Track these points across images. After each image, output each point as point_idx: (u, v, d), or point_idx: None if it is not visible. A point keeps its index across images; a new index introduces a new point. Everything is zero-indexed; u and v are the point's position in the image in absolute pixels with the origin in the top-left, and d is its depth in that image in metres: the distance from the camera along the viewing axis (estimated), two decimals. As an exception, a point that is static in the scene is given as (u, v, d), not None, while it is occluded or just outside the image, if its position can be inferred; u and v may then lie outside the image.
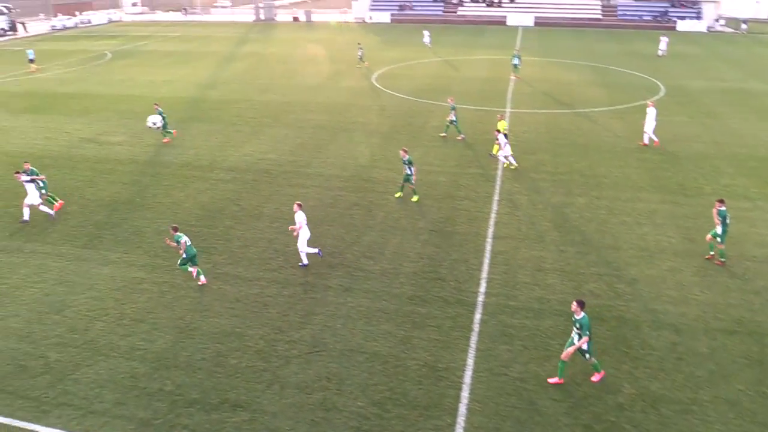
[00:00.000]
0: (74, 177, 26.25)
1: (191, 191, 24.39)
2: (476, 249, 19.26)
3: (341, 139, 30.62)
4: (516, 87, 42.17)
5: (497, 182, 24.69)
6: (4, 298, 17.06)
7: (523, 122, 33.18)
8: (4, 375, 13.89)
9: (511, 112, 35.41)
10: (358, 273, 17.95)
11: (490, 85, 42.84)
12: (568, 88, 41.71)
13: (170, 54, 61.08)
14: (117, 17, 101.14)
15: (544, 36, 69.97)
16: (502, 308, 16.07)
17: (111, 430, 12.23)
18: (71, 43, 72.46)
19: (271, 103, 38.77)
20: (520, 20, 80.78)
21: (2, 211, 22.93)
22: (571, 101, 38.02)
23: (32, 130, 33.89)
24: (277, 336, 15.08)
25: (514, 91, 40.80)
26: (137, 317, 15.99)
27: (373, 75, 46.95)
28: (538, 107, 36.43)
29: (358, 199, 23.33)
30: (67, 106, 39.13)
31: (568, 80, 44.54)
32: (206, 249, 19.49)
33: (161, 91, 43.05)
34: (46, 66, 55.49)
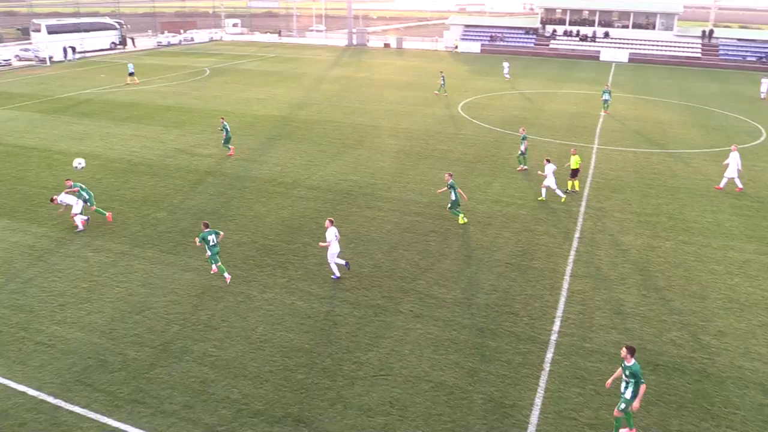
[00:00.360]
0: (166, 185, 27.51)
1: (273, 206, 25.04)
2: (553, 286, 18.74)
3: (423, 165, 30.71)
4: (605, 123, 41.13)
5: (579, 219, 24.03)
6: (91, 294, 17.99)
7: (610, 160, 32.25)
8: (85, 368, 14.58)
9: (598, 148, 34.51)
10: (430, 300, 17.82)
11: (578, 119, 41.99)
12: (661, 128, 40.27)
13: (265, 73, 63.43)
14: (218, 36, 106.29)
15: (638, 72, 68.09)
16: (576, 349, 15.51)
17: (177, 431, 12.57)
18: (174, 58, 76.60)
19: (357, 126, 39.45)
20: (614, 56, 79.06)
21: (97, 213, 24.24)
22: (663, 141, 36.67)
23: (132, 138, 35.90)
24: (344, 356, 15.13)
25: (603, 128, 39.79)
26: (212, 324, 16.45)
27: (459, 104, 47.02)
28: (627, 145, 35.34)
29: (435, 226, 23.25)
30: (165, 118, 41.26)
31: (661, 119, 43.04)
32: (282, 264, 19.90)
33: (253, 108, 44.69)
34: (149, 79, 58.83)
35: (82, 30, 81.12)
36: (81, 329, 16.19)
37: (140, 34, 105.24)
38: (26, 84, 56.63)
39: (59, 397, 13.57)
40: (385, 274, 19.32)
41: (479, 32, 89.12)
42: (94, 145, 34.45)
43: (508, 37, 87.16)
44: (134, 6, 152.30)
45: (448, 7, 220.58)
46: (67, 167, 30.10)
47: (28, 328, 16.26)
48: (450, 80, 58.52)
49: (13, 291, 18.18)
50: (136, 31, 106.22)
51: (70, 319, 16.65)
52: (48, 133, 37.34)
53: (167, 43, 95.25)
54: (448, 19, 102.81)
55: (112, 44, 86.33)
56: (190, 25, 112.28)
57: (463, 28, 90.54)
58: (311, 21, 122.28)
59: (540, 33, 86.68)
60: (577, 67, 71.60)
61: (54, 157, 32.10)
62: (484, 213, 24.49)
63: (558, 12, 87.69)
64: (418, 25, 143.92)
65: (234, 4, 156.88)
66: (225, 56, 79.58)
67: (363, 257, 20.49)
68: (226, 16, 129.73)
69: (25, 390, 13.79)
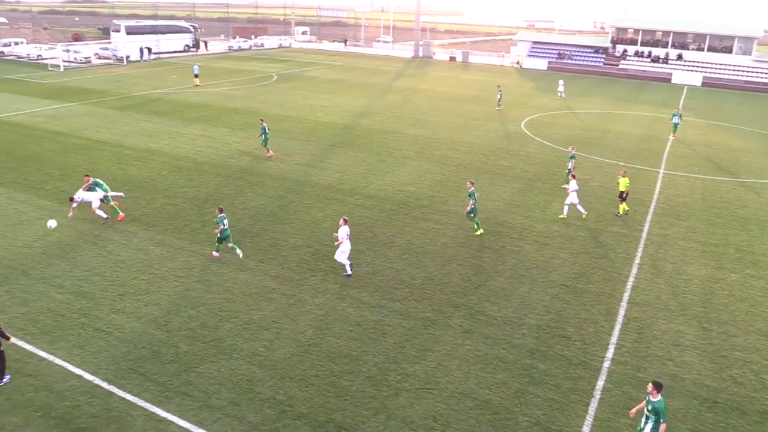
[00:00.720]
0: (227, 185, 28.17)
1: (330, 212, 25.28)
2: (608, 311, 18.21)
3: (482, 180, 30.45)
4: (674, 148, 39.87)
5: (641, 245, 23.32)
6: (151, 286, 18.54)
7: (677, 186, 31.22)
8: (139, 357, 15.01)
9: (664, 173, 33.47)
10: (481, 317, 17.59)
11: (645, 143, 40.86)
12: (733, 155, 38.75)
13: (330, 81, 64.34)
14: (287, 43, 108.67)
15: (711, 97, 65.82)
16: (629, 379, 15.01)
17: (222, 427, 12.76)
18: (244, 63, 78.61)
19: (418, 137, 39.49)
20: (687, 79, 76.70)
21: (161, 208, 25.04)
22: (735, 169, 35.27)
23: (199, 138, 36.96)
24: (390, 366, 15.08)
25: (671, 152, 38.58)
26: (263, 324, 16.69)
27: (522, 121, 46.50)
28: (696, 172, 34.14)
29: (491, 242, 22.98)
30: (231, 120, 42.33)
31: (733, 146, 41.41)
32: (335, 269, 20.03)
33: (317, 114, 45.35)
34: (219, 82, 60.55)
35: (159, 32, 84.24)
36: (138, 319, 16.70)
37: (213, 38, 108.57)
38: (103, 81, 59.14)
39: (113, 383, 14.01)
40: (437, 288, 19.20)
41: (547, 49, 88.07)
42: (163, 142, 35.63)
43: (576, 55, 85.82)
44: (209, 11, 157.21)
45: (517, 23, 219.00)
46: (136, 162, 31.25)
47: (88, 314, 16.88)
48: (514, 97, 58.01)
49: (78, 278, 18.93)
50: (210, 35, 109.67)
51: (128, 309, 17.21)
52: (120, 129, 38.84)
53: (238, 48, 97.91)
54: (516, 34, 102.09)
55: (185, 47, 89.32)
56: (261, 31, 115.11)
57: (531, 44, 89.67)
58: (379, 32, 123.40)
59: (610, 52, 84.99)
60: (646, 88, 69.79)
61: (124, 152, 33.34)
62: (541, 232, 24.07)
63: (630, 32, 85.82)
64: (485, 40, 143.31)
65: (305, 12, 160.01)
66: (292, 63, 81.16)
67: (416, 269, 20.43)
68: (296, 24, 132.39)
69: (81, 374, 14.30)
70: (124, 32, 78.54)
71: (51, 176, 28.68)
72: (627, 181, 25.89)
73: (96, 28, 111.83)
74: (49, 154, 32.32)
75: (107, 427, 12.66)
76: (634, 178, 31.86)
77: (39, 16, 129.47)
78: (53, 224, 21.39)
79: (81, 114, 43.04)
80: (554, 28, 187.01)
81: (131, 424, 12.75)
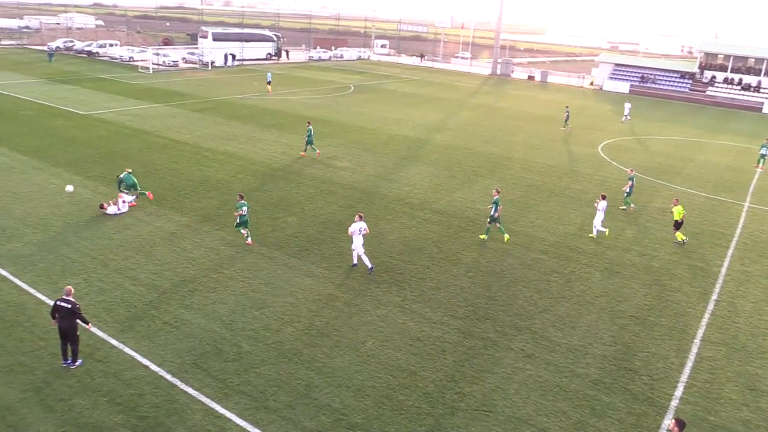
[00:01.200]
0: (299, 192, 28.69)
1: (397, 225, 25.32)
2: (680, 348, 17.41)
3: (553, 202, 29.84)
4: (761, 180, 37.92)
5: (719, 280, 22.23)
6: (218, 285, 19.04)
7: (762, 220, 29.63)
8: (202, 353, 15.42)
9: (749, 206, 31.85)
10: (544, 342, 17.16)
11: (730, 173, 39.04)
12: (827, 193, 36.46)
13: (406, 95, 64.74)
14: (366, 56, 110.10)
15: (807, 131, 62.26)
16: (699, 421, 14.26)
17: (277, 429, 12.91)
18: (323, 73, 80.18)
19: (491, 155, 39.13)
20: (780, 110, 72.93)
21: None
22: (827, 208, 33.16)
23: (274, 144, 37.86)
24: (448, 384, 14.90)
25: (758, 185, 36.69)
26: (324, 331, 16.84)
27: (600, 144, 45.35)
28: (784, 208, 32.33)
29: (559, 266, 22.44)
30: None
31: (828, 184, 38.98)
32: (399, 282, 20.02)
33: (391, 127, 45.66)
34: (297, 90, 61.98)
35: (243, 40, 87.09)
36: (204, 316, 17.17)
37: (294, 47, 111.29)
38: (188, 84, 61.57)
39: (176, 376, 14.43)
40: (501, 309, 18.88)
41: (630, 72, 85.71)
42: (240, 146, 36.69)
43: (660, 79, 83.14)
44: (293, 21, 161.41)
45: (599, 44, 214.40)
46: (213, 164, 32.29)
47: (159, 307, 17.49)
48: (593, 119, 56.76)
49: (152, 272, 19.66)
50: (292, 44, 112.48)
51: (196, 305, 17.72)
52: (201, 131, 40.27)
53: (318, 58, 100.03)
54: (598, 56, 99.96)
55: (267, 55, 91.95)
56: (341, 43, 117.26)
57: (613, 66, 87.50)
58: (457, 47, 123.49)
59: (697, 78, 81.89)
60: (735, 117, 66.80)
61: (203, 153, 34.53)
62: (612, 260, 23.32)
63: (720, 58, 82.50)
64: (566, 60, 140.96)
65: (385, 26, 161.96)
66: (370, 75, 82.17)
67: (480, 288, 20.17)
68: (376, 37, 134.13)
69: (148, 364, 14.80)
70: (210, 38, 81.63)
71: (134, 172, 29.95)
72: (681, 210, 25.03)
73: (185, 33, 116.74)
74: (134, 152, 33.84)
75: (168, 418, 13.03)
76: (715, 209, 30.50)
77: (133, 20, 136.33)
78: (71, 189, 24.38)
79: (165, 115, 44.90)
80: (639, 51, 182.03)
81: (190, 418, 13.08)
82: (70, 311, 14.10)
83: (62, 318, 14.13)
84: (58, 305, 14.17)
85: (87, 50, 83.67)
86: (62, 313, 14.12)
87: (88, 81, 59.70)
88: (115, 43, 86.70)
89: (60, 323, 14.18)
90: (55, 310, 14.22)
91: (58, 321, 14.19)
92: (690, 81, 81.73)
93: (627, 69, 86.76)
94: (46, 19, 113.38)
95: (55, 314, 14.23)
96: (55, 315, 14.23)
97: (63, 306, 14.11)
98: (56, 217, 23.75)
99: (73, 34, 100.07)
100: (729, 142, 50.70)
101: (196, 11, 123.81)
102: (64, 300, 14.18)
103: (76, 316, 14.17)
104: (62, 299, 14.21)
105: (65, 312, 14.09)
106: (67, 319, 14.12)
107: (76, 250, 20.92)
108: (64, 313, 14.10)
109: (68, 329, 14.20)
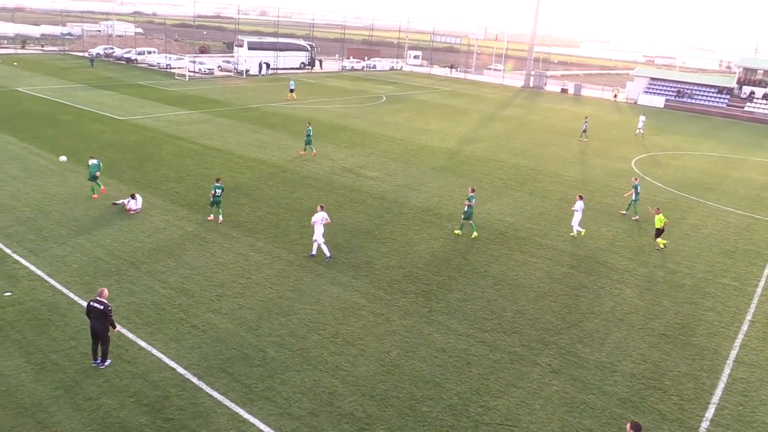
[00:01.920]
0: (328, 200, 28.83)
1: (425, 235, 25.27)
2: (712, 368, 17.01)
3: (585, 216, 29.46)
4: (800, 200, 36.94)
5: (754, 300, 21.69)
6: (246, 290, 19.21)
7: (801, 241, 28.84)
8: (228, 357, 15.54)
9: (788, 226, 31.02)
10: (571, 358, 16.92)
11: (767, 191, 38.14)
12: None
13: (437, 106, 64.75)
14: (398, 66, 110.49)
15: None
16: (730, 443, 13.90)
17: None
18: (355, 83, 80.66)
19: (521, 168, 38.88)
20: (821, 128, 71.07)
21: (264, 217, 25.96)
22: None
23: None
24: (472, 397, 14.77)
25: (797, 205, 35.74)
26: (349, 340, 16.85)
27: (633, 158, 44.73)
28: (824, 228, 31.42)
29: (589, 281, 22.14)
30: (337, 137, 43.43)
31: None
32: (425, 293, 19.96)
33: (421, 138, 45.70)
34: (330, 99, 62.46)
35: (278, 49, 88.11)
36: (232, 321, 17.32)
37: (328, 57, 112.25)
38: (222, 92, 62.48)
39: (202, 379, 14.57)
40: (528, 323, 18.68)
41: (665, 86, 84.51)
42: (271, 153, 37.07)
43: (696, 94, 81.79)
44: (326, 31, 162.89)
45: (635, 58, 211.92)
46: (245, 171, 32.66)
47: (187, 311, 17.70)
48: (626, 133, 56.06)
49: (181, 275, 19.92)
50: (325, 54, 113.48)
51: (224, 310, 17.89)
52: (233, 138, 40.80)
53: (351, 68, 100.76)
54: (633, 69, 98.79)
55: (301, 64, 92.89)
56: (374, 53, 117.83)
57: (648, 80, 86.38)
58: (490, 59, 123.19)
59: (735, 93, 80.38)
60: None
61: (235, 160, 34.96)
62: (644, 276, 22.93)
63: (759, 73, 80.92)
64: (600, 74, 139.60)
65: (418, 37, 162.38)
66: (402, 85, 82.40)
67: (507, 301, 20.00)
68: (409, 48, 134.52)
69: (175, 366, 14.98)
70: (246, 47, 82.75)
71: (167, 177, 30.51)
72: (662, 218, 25.18)
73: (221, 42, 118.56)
74: (167, 157, 34.41)
75: (193, 420, 13.15)
76: (750, 227, 29.80)
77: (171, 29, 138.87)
78: (64, 159, 28.77)
79: (199, 121, 45.61)
80: (675, 65, 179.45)
81: (215, 421, 13.18)
82: (102, 312, 14.35)
83: (95, 318, 14.39)
84: (91, 306, 14.44)
85: (126, 57, 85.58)
86: (95, 314, 14.38)
87: (126, 87, 61.00)
88: (153, 50, 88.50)
89: (93, 323, 14.44)
90: (89, 311, 14.50)
91: (91, 321, 14.46)
92: (728, 96, 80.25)
93: (662, 83, 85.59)
94: (87, 27, 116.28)
95: (89, 314, 14.52)
96: (89, 315, 14.52)
97: (96, 307, 14.37)
98: (91, 220, 24.26)
99: (113, 41, 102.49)
100: (766, 159, 49.57)
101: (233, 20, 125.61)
102: (97, 301, 14.44)
103: (108, 318, 14.42)
104: (96, 300, 14.47)
105: (98, 313, 14.35)
106: (99, 320, 14.38)
107: (109, 252, 21.32)
108: (96, 313, 14.37)
109: (100, 330, 14.45)
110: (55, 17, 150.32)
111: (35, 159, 32.43)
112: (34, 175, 29.55)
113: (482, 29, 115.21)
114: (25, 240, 21.89)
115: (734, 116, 76.46)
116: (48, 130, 39.28)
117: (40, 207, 25.26)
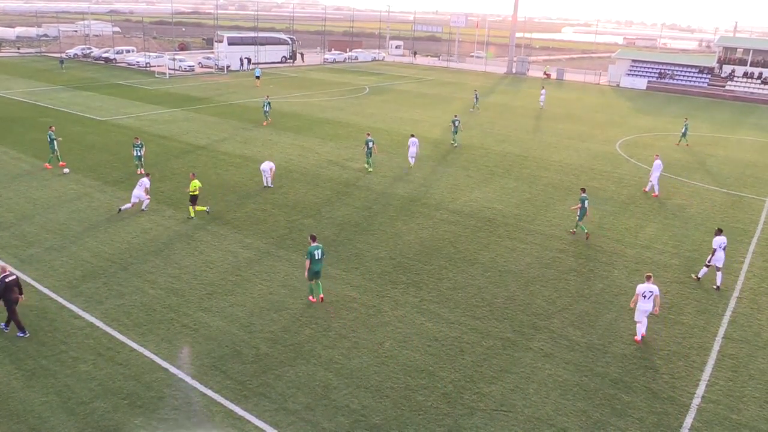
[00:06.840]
0: (315, 193, 28.75)
1: (414, 226, 25.29)
2: (701, 346, 17.19)
3: (570, 200, 29.61)
4: (783, 176, 37.33)
5: (741, 277, 21.93)
6: (237, 288, 19.14)
7: (785, 216, 29.18)
8: (221, 355, 15.50)
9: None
10: (563, 341, 17.04)
11: (751, 169, 38.48)
12: None
13: (421, 95, 64.65)
14: (381, 57, 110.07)
15: (829, 125, 61.21)
16: (721, 419, 14.07)
17: (296, 431, 12.94)
18: (337, 75, 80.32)
19: (507, 154, 38.95)
20: (801, 104, 71.77)
21: (251, 213, 25.86)
22: None
23: (290, 147, 38.00)
24: (466, 384, 14.84)
25: (780, 181, 36.13)
26: (342, 332, 16.85)
27: (617, 141, 44.96)
28: (807, 203, 31.79)
29: (578, 265, 22.27)
30: (322, 130, 43.29)
31: None
32: (416, 283, 19.99)
33: (406, 127, 45.61)
34: (312, 93, 62.14)
35: (258, 43, 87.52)
36: (223, 319, 17.27)
37: (309, 50, 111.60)
38: (205, 89, 62.01)
39: (196, 378, 14.52)
40: (519, 308, 18.77)
41: (647, 68, 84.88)
42: (256, 149, 36.88)
43: (678, 74, 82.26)
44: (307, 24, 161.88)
45: (616, 41, 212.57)
46: (230, 168, 32.47)
47: (178, 310, 17.62)
48: (611, 116, 56.32)
49: (170, 275, 19.81)
50: (306, 47, 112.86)
51: (214, 308, 17.83)
52: (217, 135, 40.54)
53: (333, 60, 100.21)
54: (615, 52, 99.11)
55: (282, 58, 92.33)
56: (356, 45, 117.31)
57: (630, 62, 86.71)
58: (473, 47, 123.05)
59: (716, 73, 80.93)
60: (755, 112, 65.83)
61: (219, 157, 34.76)
62: (632, 258, 23.10)
63: (739, 51, 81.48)
64: (582, 57, 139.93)
65: (400, 26, 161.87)
66: (385, 76, 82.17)
67: (498, 287, 20.08)
68: (391, 38, 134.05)
69: (167, 367, 14.92)
70: (226, 43, 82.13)
71: (152, 178, 30.21)
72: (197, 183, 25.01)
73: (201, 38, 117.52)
74: (151, 156, 34.11)
75: (188, 420, 13.12)
76: (737, 206, 30.08)
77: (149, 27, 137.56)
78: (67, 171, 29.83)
79: (182, 119, 45.27)
80: (656, 47, 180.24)
81: (210, 420, 13.15)
82: (16, 282, 15.84)
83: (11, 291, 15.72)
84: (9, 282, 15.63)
85: (104, 57, 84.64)
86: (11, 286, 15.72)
87: (106, 87, 60.38)
88: (132, 49, 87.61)
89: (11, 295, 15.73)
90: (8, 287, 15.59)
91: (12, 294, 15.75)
92: (709, 76, 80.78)
93: (644, 65, 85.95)
94: (64, 27, 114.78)
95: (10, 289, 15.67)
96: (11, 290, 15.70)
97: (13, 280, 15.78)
98: (76, 222, 24.05)
99: (91, 41, 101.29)
100: (749, 137, 50.02)
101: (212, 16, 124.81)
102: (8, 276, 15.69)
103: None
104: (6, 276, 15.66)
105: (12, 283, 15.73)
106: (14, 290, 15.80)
107: (96, 255, 21.15)
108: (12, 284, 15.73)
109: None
110: (30, 18, 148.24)
111: (16, 164, 32.06)
112: (16, 180, 29.23)
113: (463, 17, 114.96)
114: (9, 246, 21.67)
115: (716, 95, 76.97)
116: (28, 134, 38.82)
117: (23, 212, 24.99)
